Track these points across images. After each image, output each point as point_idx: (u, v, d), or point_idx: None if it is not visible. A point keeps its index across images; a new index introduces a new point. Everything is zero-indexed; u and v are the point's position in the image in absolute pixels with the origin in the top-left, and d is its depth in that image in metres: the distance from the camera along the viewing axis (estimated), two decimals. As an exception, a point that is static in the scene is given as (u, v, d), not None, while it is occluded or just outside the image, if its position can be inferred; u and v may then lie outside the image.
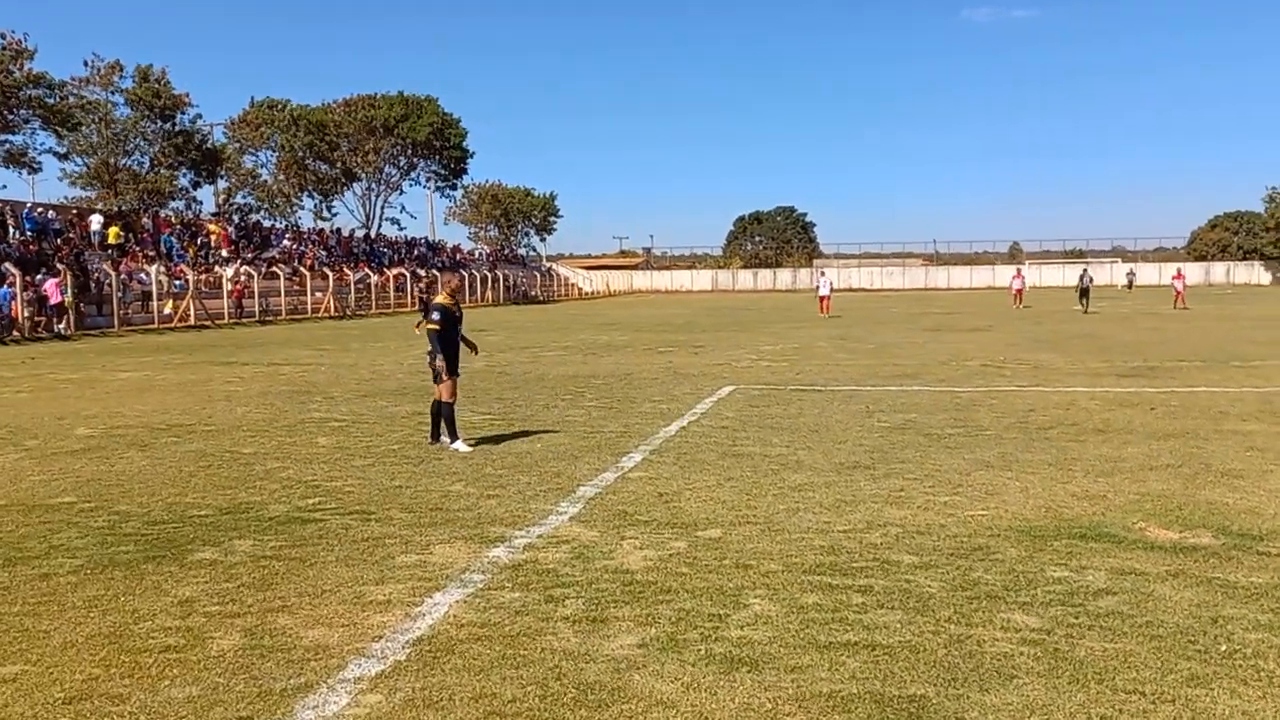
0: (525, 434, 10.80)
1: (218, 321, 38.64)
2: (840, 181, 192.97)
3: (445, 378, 9.95)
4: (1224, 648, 4.40)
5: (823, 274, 46.83)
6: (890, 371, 17.14)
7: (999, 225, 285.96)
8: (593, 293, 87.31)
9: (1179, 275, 46.34)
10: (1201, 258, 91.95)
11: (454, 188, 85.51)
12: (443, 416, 10.07)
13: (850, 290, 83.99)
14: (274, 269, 46.39)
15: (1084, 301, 40.85)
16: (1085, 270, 46.03)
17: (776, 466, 8.78)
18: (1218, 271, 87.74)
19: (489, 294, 63.80)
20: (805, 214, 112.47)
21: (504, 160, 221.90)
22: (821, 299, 41.43)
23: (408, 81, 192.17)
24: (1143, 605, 4.99)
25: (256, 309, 41.80)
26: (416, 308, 39.75)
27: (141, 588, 5.57)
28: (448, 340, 10.04)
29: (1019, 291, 48.16)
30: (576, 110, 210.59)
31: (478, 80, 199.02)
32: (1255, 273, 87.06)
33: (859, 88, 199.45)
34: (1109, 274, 75.89)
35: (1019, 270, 54.79)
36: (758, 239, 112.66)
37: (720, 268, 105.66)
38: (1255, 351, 19.81)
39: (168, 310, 37.10)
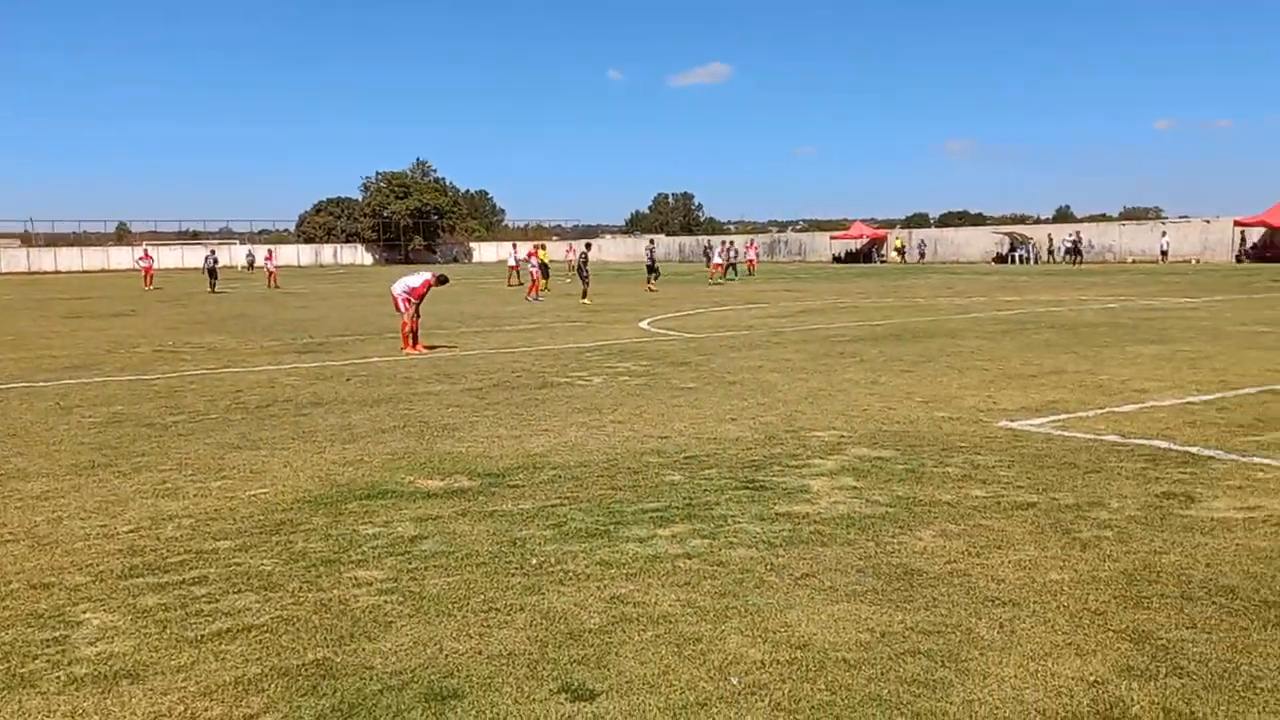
0: None
1: None
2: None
3: None
4: (534, 561, 5.38)
5: None
6: (55, 364, 15.54)
7: (105, 204, 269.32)
8: None
9: (270, 256, 51.22)
10: (311, 240, 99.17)
11: None
12: None
13: (-65, 275, 71.69)
14: None
15: (212, 282, 41.73)
16: (211, 252, 46.53)
17: (-4, 477, 7.61)
18: (326, 253, 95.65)
19: None
20: None
21: None
22: None
23: None
24: (455, 542, 5.76)
25: None
26: None
27: None
28: None
29: (148, 272, 46.86)
30: None
31: None
32: (359, 254, 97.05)
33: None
34: (229, 255, 77.50)
35: (146, 251, 52.92)
36: None
37: None
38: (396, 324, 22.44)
39: None
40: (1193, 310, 21.93)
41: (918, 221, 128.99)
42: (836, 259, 76.41)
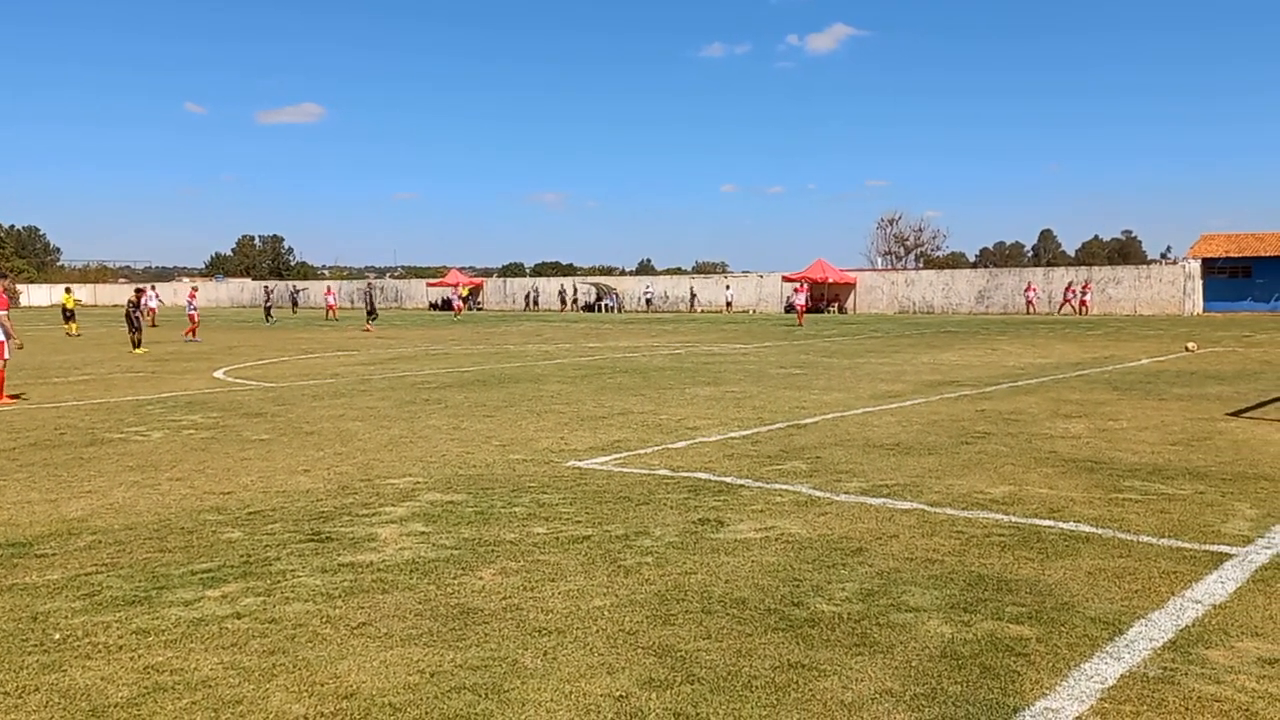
0: None
1: None
2: None
3: None
4: (57, 636, 4.87)
5: None
6: None
7: None
8: None
9: None
10: None
11: None
12: None
13: None
14: None
15: None
16: None
17: None
18: None
19: None
20: None
21: None
22: None
23: None
24: (-41, 624, 5.07)
25: None
26: None
27: None
28: None
29: None
30: None
31: None
32: None
33: None
34: None
35: None
36: None
37: None
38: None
39: None
40: (744, 356, 24.61)
41: (514, 270, 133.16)
42: (434, 306, 76.70)
